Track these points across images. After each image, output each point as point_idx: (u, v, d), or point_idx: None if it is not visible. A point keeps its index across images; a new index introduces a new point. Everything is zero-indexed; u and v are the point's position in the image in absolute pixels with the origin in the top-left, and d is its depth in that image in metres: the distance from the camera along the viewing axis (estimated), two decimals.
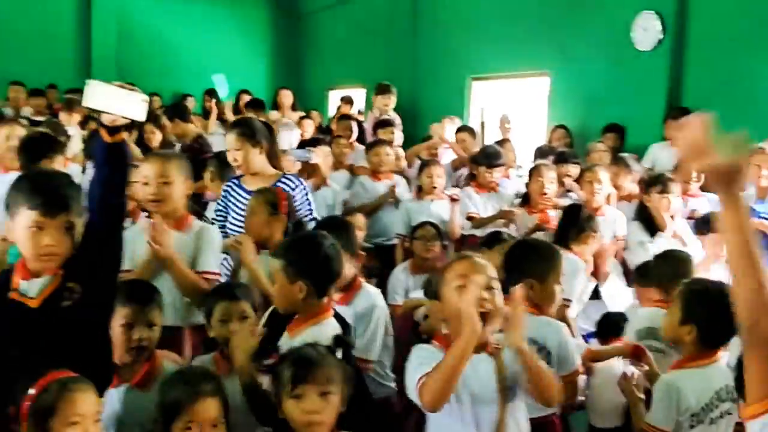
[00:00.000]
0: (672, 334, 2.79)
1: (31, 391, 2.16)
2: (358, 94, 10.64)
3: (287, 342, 2.67)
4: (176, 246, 3.27)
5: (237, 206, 4.02)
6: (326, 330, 2.65)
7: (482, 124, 8.68)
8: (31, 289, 2.42)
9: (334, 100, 11.88)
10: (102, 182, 2.42)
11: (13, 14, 11.48)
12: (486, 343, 2.45)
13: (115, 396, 2.66)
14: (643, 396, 2.91)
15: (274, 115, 8.96)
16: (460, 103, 9.05)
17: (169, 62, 12.31)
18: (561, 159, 5.73)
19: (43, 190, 2.34)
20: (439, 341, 2.50)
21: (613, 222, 4.89)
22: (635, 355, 3.12)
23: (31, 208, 2.30)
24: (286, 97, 9.61)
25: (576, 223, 4.21)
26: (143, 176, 3.36)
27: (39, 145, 4.36)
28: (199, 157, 5.93)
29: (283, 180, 4.05)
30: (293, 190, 3.98)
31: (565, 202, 5.06)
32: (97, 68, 12.04)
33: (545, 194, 5.04)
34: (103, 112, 2.31)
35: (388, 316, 3.47)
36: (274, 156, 4.21)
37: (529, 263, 3.12)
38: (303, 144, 7.28)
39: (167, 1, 12.41)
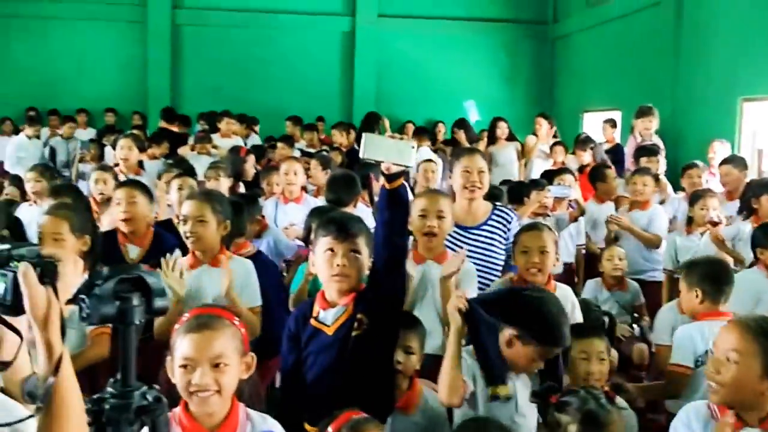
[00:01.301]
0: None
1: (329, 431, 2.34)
2: (614, 117, 10.29)
3: None
4: (213, 282, 3.35)
5: None
6: None
7: (759, 151, 7.95)
8: (327, 317, 2.74)
9: (588, 122, 11.64)
10: (384, 224, 2.67)
11: (287, 54, 12.70)
12: None
13: None
14: None
15: (531, 140, 8.94)
16: (729, 127, 8.38)
17: (422, 90, 12.85)
18: None
19: (335, 220, 2.78)
20: None
21: None
22: None
23: (325, 235, 2.70)
24: (542, 123, 9.52)
25: None
26: (181, 215, 3.49)
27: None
28: None
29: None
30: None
31: None
32: (358, 100, 12.91)
33: None
34: (379, 161, 2.52)
35: None
36: None
37: None
38: (549, 174, 6.78)
39: (423, 32, 12.97)
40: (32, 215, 4.65)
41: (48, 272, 1.43)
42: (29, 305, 1.40)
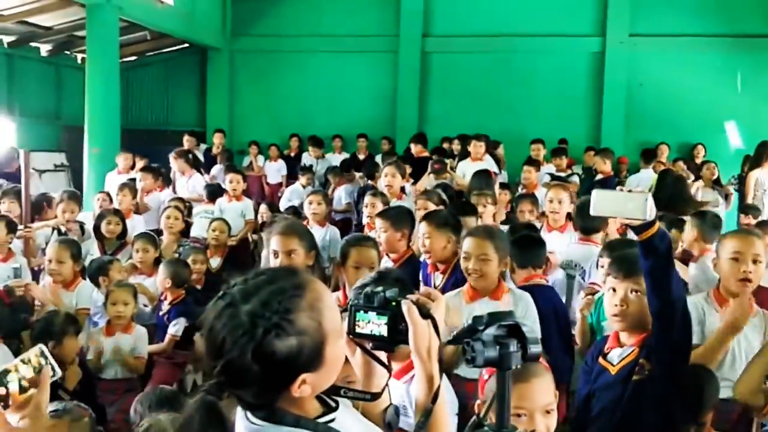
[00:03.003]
0: None
1: None
2: None
3: None
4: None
5: None
6: None
7: None
8: (614, 357, 2.76)
9: None
10: (646, 273, 2.57)
11: (533, 77, 12.66)
12: None
13: None
14: None
15: None
16: None
17: (676, 112, 12.14)
18: None
19: (619, 258, 2.90)
20: None
21: None
22: None
23: (608, 273, 2.85)
24: None
25: None
26: (272, 249, 3.39)
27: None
28: None
29: None
30: None
31: None
32: (606, 122, 12.52)
33: None
34: (609, 216, 2.42)
35: None
36: None
37: None
38: None
39: (678, 51, 12.31)
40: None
41: (425, 309, 1.54)
42: (414, 339, 1.51)
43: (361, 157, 12.40)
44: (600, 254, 3.78)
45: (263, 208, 7.81)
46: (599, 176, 8.94)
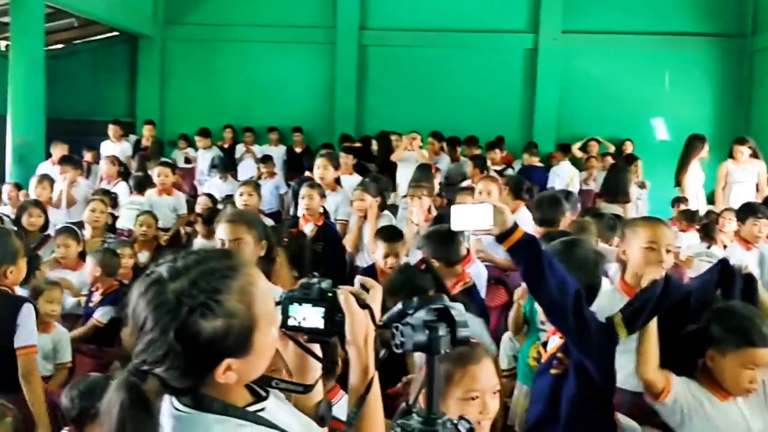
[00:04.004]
0: None
1: None
2: None
3: None
4: None
5: None
6: None
7: None
8: (550, 345, 2.90)
9: None
10: (522, 278, 2.63)
11: (469, 73, 12.77)
12: None
13: None
14: None
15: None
16: None
17: (607, 108, 12.44)
18: None
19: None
20: None
21: None
22: None
23: None
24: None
25: None
26: (219, 237, 3.31)
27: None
28: None
29: None
30: None
31: None
32: (539, 119, 12.74)
33: None
34: (466, 230, 2.46)
35: None
36: None
37: None
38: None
39: (609, 48, 12.57)
40: None
41: (361, 299, 1.52)
42: (351, 328, 1.49)
43: (298, 150, 12.32)
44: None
45: (203, 199, 7.61)
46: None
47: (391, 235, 4.46)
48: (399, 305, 1.53)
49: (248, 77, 13.22)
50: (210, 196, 7.66)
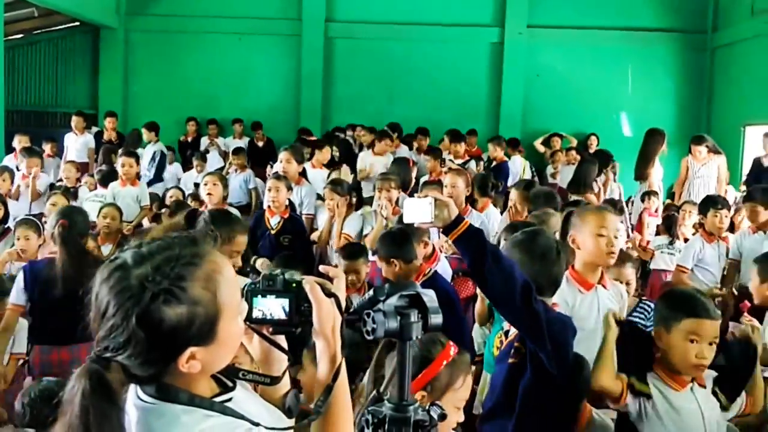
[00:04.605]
0: None
1: None
2: None
3: None
4: None
5: None
6: None
7: None
8: (510, 333, 2.87)
9: (751, 137, 11.01)
10: (468, 268, 2.58)
11: (435, 66, 12.79)
12: None
13: None
14: None
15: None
16: None
17: (572, 102, 12.59)
18: None
19: None
20: None
21: None
22: None
23: None
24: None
25: None
26: None
27: None
28: None
29: None
30: None
31: None
32: (505, 112, 12.82)
33: None
34: (416, 222, 2.51)
35: None
36: None
37: None
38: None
39: (574, 43, 12.69)
40: None
41: (327, 288, 1.50)
42: (319, 318, 1.47)
43: (260, 144, 12.22)
44: (501, 234, 3.85)
45: (172, 191, 7.50)
46: (494, 163, 9.21)
47: (350, 252, 4.35)
48: (371, 292, 1.52)
49: (213, 69, 13.08)
50: (180, 189, 7.59)
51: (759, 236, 5.47)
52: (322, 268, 1.62)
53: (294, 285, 1.49)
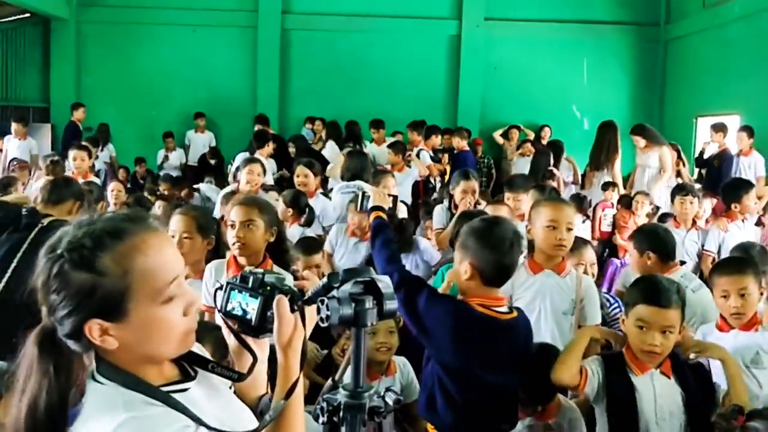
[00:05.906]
0: None
1: None
2: (732, 121, 9.90)
3: None
4: None
5: None
6: None
7: None
8: None
9: (702, 128, 11.25)
10: None
11: (393, 58, 12.78)
12: None
13: None
14: None
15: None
16: None
17: (528, 94, 12.69)
18: None
19: None
20: None
21: None
22: None
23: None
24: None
25: None
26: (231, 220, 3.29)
27: None
28: None
29: None
30: None
31: None
32: (463, 104, 12.87)
33: None
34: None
35: None
36: None
37: None
38: None
39: (530, 35, 12.79)
40: None
41: (296, 300, 1.48)
42: (278, 331, 1.46)
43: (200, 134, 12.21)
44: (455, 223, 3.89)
45: (114, 184, 7.33)
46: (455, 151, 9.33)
47: (307, 247, 4.28)
48: (324, 279, 1.50)
49: (167, 61, 12.87)
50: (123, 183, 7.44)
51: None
52: (305, 274, 1.61)
53: (268, 288, 1.46)
